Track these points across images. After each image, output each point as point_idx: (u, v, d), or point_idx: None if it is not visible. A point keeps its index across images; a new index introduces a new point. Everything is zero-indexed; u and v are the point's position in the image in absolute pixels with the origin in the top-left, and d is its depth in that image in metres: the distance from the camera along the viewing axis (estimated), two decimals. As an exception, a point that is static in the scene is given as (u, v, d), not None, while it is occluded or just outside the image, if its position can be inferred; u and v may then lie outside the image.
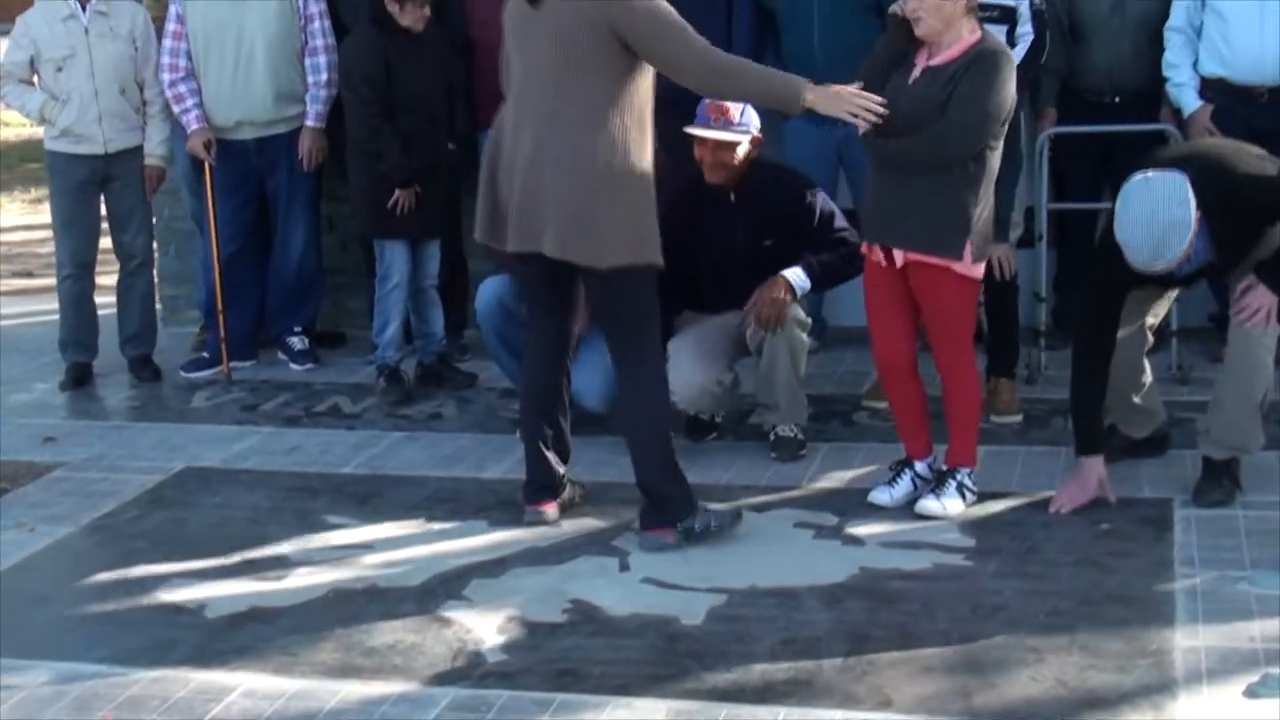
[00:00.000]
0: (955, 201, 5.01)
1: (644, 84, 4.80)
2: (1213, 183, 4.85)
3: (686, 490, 5.02)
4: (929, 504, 5.18)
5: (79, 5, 6.91)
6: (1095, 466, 5.16)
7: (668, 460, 5.00)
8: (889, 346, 5.34)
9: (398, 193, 6.61)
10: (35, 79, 7.06)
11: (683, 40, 4.69)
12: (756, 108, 5.67)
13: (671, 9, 4.74)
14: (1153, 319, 5.41)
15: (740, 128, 5.65)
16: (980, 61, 4.99)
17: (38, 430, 6.60)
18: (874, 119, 4.87)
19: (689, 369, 5.70)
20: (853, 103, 4.85)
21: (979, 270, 5.16)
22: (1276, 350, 5.13)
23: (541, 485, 5.29)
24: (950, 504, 5.16)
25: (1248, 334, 5.02)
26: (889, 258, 5.16)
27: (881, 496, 5.31)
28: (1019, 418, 6.05)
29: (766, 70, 4.94)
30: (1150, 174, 4.80)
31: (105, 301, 7.54)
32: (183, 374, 7.31)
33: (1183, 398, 6.03)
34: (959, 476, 5.22)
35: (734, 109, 5.63)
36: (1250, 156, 5.06)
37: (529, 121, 4.81)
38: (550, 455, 5.26)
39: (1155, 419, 5.58)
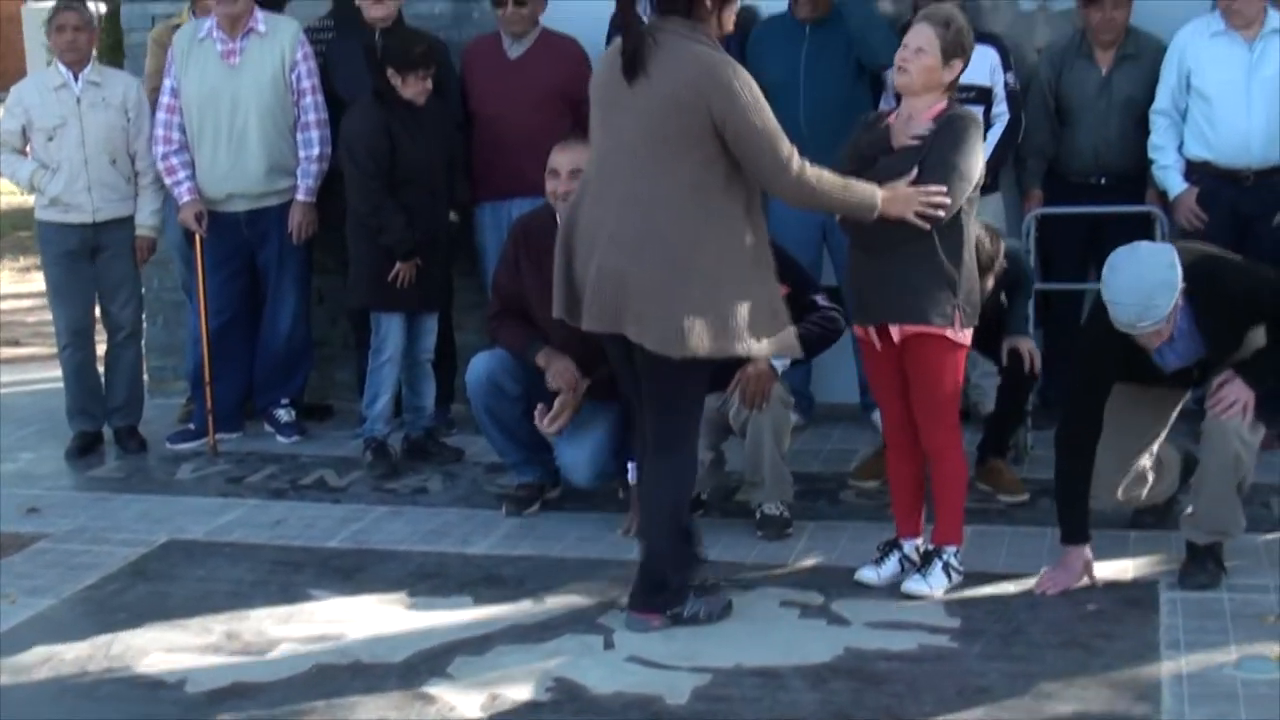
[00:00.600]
0: (936, 268, 5.02)
1: (735, 170, 4.69)
2: (1200, 269, 4.94)
3: (685, 581, 4.97)
4: (914, 585, 5.16)
5: (71, 75, 6.95)
6: (1080, 554, 5.16)
7: (677, 548, 4.95)
8: (894, 422, 5.36)
9: (398, 265, 6.62)
10: (27, 148, 7.08)
11: (774, 147, 4.64)
12: None
13: (771, 114, 4.67)
14: (1147, 458, 5.42)
15: None
16: (948, 127, 5.05)
17: (23, 500, 6.57)
18: (939, 214, 4.91)
19: None
20: (917, 202, 4.89)
21: (966, 337, 5.17)
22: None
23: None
24: (936, 584, 5.15)
25: (1225, 422, 5.05)
26: (882, 337, 5.17)
27: (868, 575, 5.29)
28: (1026, 495, 6.03)
29: (844, 180, 4.88)
30: (1139, 244, 4.89)
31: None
32: (169, 445, 7.28)
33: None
34: (945, 556, 5.21)
35: None
36: (1234, 257, 5.18)
37: (611, 198, 4.72)
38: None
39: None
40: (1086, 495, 5.19)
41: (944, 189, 4.90)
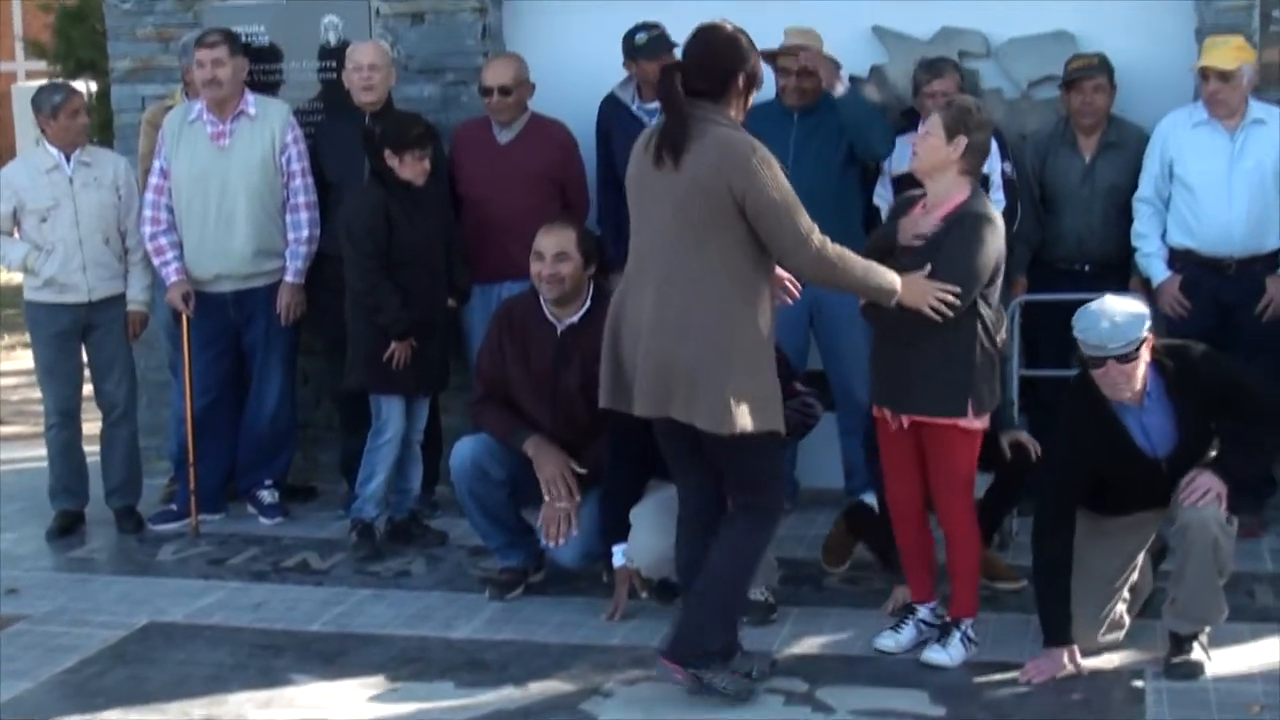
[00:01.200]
0: (953, 361, 5.15)
1: (762, 250, 4.81)
2: (1175, 348, 5.15)
3: (727, 651, 4.97)
4: (936, 655, 5.26)
5: (63, 156, 6.98)
6: (1064, 655, 5.17)
7: (729, 617, 4.99)
8: (903, 496, 5.47)
9: (394, 345, 6.62)
10: (16, 230, 7.08)
11: (794, 221, 4.74)
12: None
13: (790, 189, 4.77)
14: (1122, 604, 5.41)
15: None
16: (960, 224, 5.16)
17: (2, 581, 6.51)
18: (949, 311, 5.02)
19: (647, 535, 5.72)
20: (934, 294, 5.00)
21: (983, 423, 5.29)
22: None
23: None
24: (955, 655, 5.26)
25: (1202, 510, 5.06)
26: (896, 417, 5.30)
27: (887, 643, 5.38)
28: (1022, 582, 5.94)
29: (865, 262, 4.97)
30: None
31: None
32: (151, 526, 7.24)
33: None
34: (963, 627, 5.30)
35: None
36: (1209, 349, 5.30)
37: (649, 283, 4.81)
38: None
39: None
40: (1067, 593, 5.18)
41: (957, 289, 5.02)
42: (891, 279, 4.96)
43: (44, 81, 7.39)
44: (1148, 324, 5.01)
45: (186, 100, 7.36)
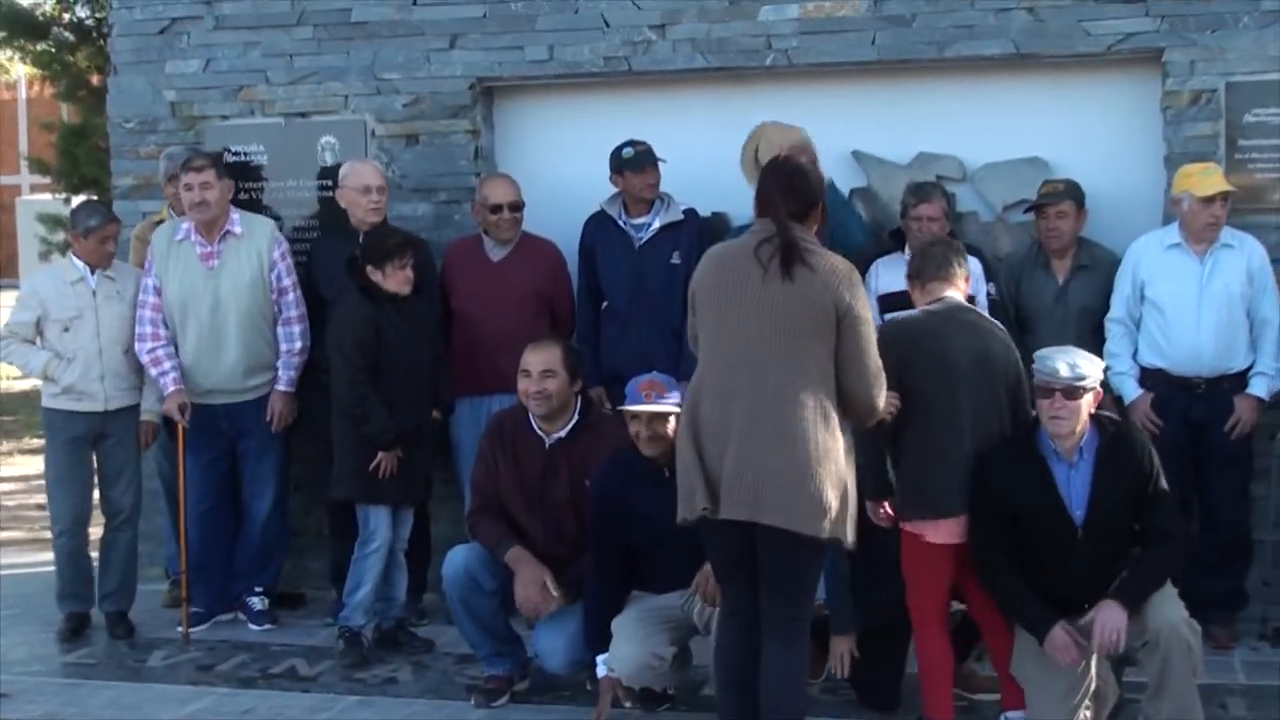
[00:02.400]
0: None
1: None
2: (1127, 425, 5.37)
3: None
4: None
5: (88, 270, 7.05)
6: (1057, 632, 5.18)
7: None
8: (935, 610, 5.48)
9: (380, 455, 6.64)
10: (39, 338, 7.13)
11: (872, 358, 4.84)
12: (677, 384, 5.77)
13: (874, 335, 4.89)
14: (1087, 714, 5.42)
15: (671, 400, 5.69)
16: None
17: (-9, 687, 6.49)
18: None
19: (627, 645, 5.70)
20: (893, 404, 5.20)
21: None
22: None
23: None
24: None
25: (1169, 615, 5.08)
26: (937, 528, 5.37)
27: None
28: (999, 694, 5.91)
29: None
30: None
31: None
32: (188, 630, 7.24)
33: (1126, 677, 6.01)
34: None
35: (666, 385, 5.73)
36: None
37: (742, 391, 4.77)
38: None
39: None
40: (1028, 595, 5.27)
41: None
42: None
43: (47, 196, 7.44)
44: (1100, 377, 5.20)
45: (173, 217, 7.44)
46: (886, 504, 5.48)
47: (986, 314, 6.53)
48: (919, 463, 5.39)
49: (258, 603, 7.38)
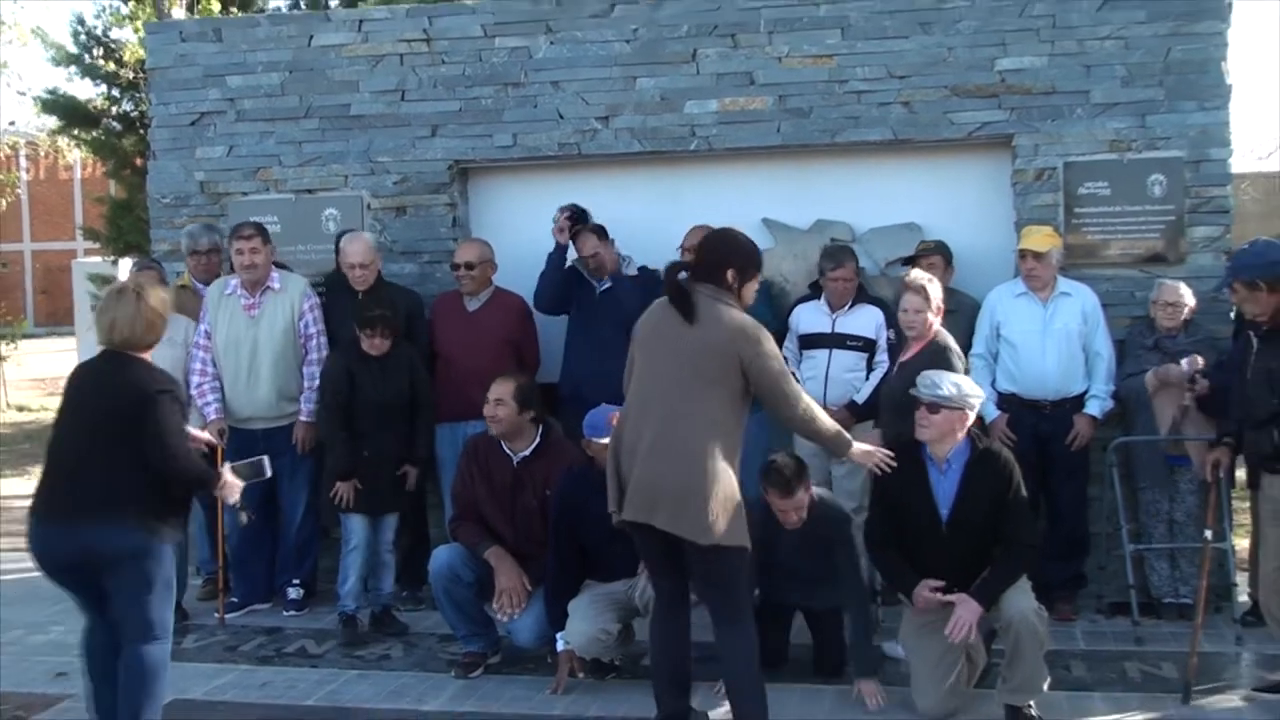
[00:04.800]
0: None
1: (746, 401, 4.86)
2: (990, 443, 5.39)
3: None
4: None
5: None
6: (920, 591, 5.28)
7: (761, 702, 4.88)
8: None
9: (337, 485, 6.67)
10: None
11: (786, 387, 4.85)
12: None
13: (782, 360, 4.91)
14: (959, 676, 5.46)
15: None
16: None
17: (52, 667, 6.40)
18: (887, 469, 5.24)
19: (580, 622, 5.73)
20: (876, 458, 5.20)
21: None
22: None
23: (668, 715, 5.04)
24: None
25: (1022, 605, 5.13)
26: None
27: None
28: None
29: (830, 422, 5.05)
30: None
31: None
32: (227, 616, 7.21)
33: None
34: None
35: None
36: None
37: (653, 417, 4.79)
38: (677, 690, 5.06)
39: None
40: (903, 565, 5.39)
41: (892, 455, 5.27)
42: (849, 439, 5.10)
43: (98, 259, 7.40)
44: (970, 400, 5.26)
45: (193, 282, 7.43)
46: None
47: (885, 355, 6.66)
48: None
49: (294, 592, 7.35)
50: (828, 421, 5.02)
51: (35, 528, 4.84)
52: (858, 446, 5.15)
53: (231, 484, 5.15)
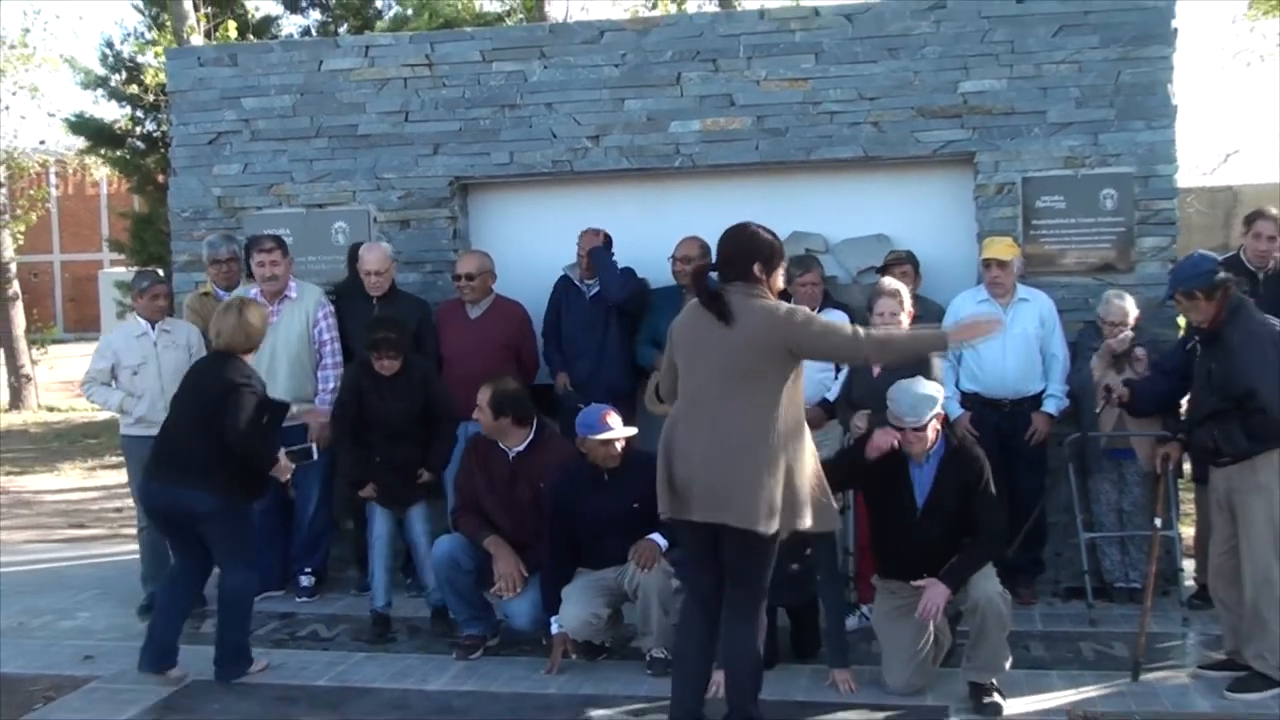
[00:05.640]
0: None
1: (799, 388, 4.66)
2: (971, 444, 5.38)
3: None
4: None
5: (150, 325, 7.00)
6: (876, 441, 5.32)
7: (756, 694, 4.71)
8: None
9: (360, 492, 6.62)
10: (114, 381, 7.04)
11: (843, 337, 4.65)
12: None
13: (821, 318, 4.68)
14: (928, 647, 5.46)
15: (612, 429, 5.75)
16: None
17: (79, 650, 6.38)
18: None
19: (573, 606, 5.73)
20: (981, 329, 4.84)
21: None
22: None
23: (688, 712, 4.78)
24: None
25: (987, 588, 5.14)
26: None
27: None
28: None
29: (911, 331, 4.81)
30: None
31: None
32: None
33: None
34: None
35: (613, 418, 5.74)
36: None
37: (704, 418, 4.59)
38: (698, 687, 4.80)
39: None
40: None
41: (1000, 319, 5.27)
42: (939, 332, 4.88)
43: (123, 269, 7.42)
44: (939, 404, 5.27)
45: (215, 289, 7.40)
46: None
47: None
48: None
49: (306, 580, 7.32)
50: (903, 335, 4.76)
51: (145, 484, 5.83)
52: (952, 330, 4.93)
53: (284, 465, 5.89)
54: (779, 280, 4.76)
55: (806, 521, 4.63)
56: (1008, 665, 5.26)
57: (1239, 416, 5.27)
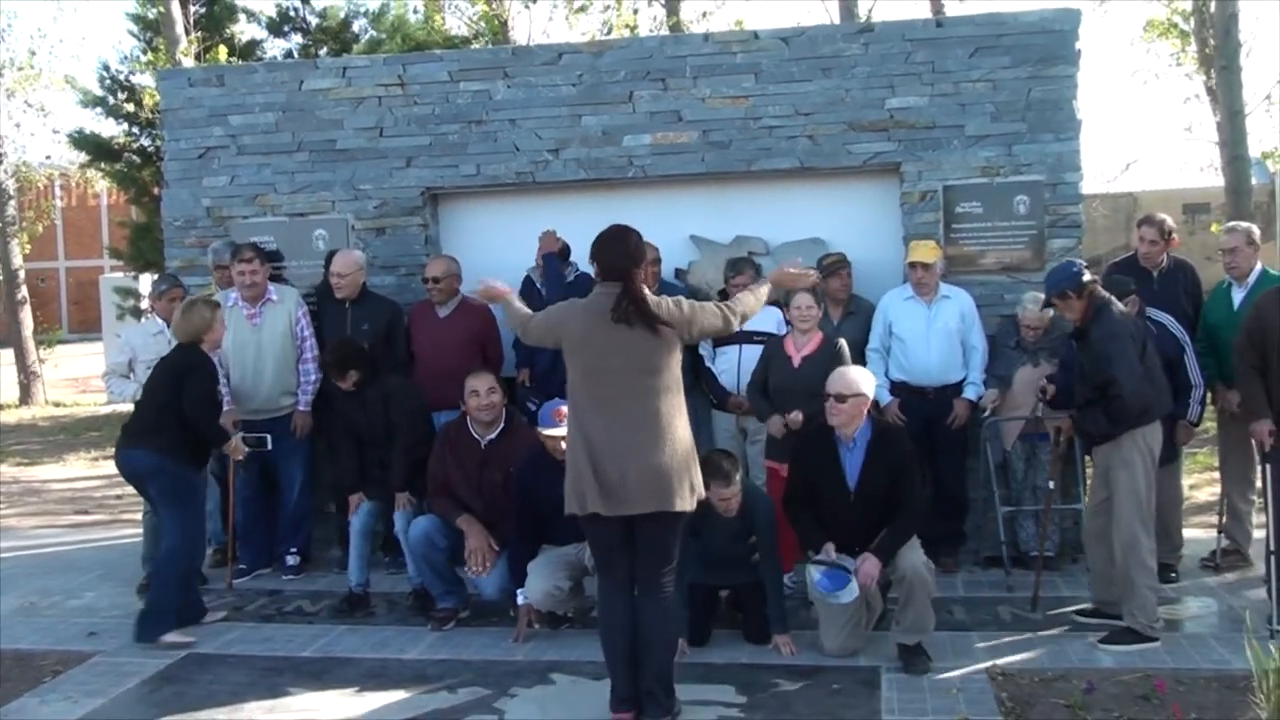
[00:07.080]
0: None
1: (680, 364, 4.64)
2: (889, 423, 5.47)
3: (673, 698, 4.63)
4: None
5: (165, 324, 6.93)
6: (828, 548, 5.27)
7: (668, 671, 4.61)
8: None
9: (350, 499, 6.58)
10: (131, 374, 6.97)
11: (718, 313, 4.66)
12: None
13: (694, 302, 4.66)
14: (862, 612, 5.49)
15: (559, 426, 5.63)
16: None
17: (85, 627, 6.29)
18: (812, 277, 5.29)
19: (538, 579, 5.69)
20: (794, 279, 5.10)
21: None
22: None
23: (624, 696, 4.64)
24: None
25: (914, 559, 5.16)
26: None
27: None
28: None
29: (750, 290, 4.86)
30: None
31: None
32: (234, 581, 7.04)
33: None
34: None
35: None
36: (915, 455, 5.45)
37: (624, 418, 4.47)
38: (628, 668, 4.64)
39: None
40: (813, 525, 5.38)
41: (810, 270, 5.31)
42: (763, 282, 4.97)
43: (122, 275, 7.32)
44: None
45: (218, 289, 7.30)
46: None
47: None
48: None
49: (291, 559, 7.23)
50: (748, 296, 4.82)
51: (117, 450, 6.08)
52: (772, 275, 5.05)
53: (237, 446, 6.29)
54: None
55: (703, 490, 4.66)
56: (932, 627, 5.28)
57: (1103, 404, 5.38)
